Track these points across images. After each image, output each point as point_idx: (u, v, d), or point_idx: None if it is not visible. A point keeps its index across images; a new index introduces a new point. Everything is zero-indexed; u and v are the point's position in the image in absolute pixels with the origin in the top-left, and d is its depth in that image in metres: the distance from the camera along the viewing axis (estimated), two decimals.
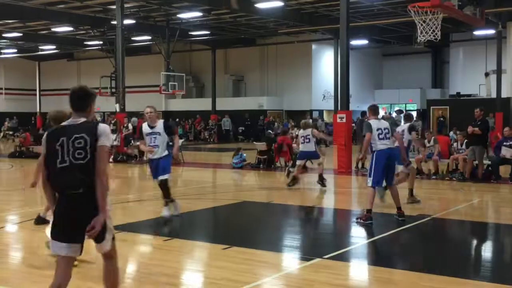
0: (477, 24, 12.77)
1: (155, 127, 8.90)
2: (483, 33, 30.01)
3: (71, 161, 3.93)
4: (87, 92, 4.23)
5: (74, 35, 34.52)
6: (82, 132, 3.99)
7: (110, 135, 4.10)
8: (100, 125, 4.07)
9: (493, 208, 10.92)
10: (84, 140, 3.95)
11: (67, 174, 3.93)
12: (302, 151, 12.66)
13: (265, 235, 8.35)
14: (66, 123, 4.15)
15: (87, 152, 3.93)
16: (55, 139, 4.01)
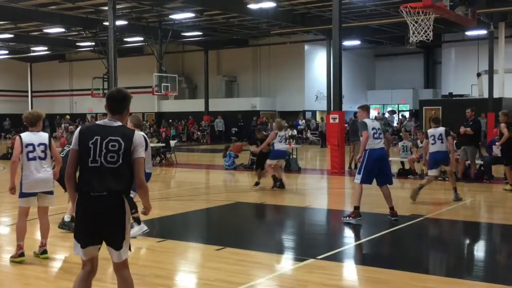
0: (469, 25, 12.83)
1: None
2: (475, 34, 30.16)
3: (102, 163, 3.89)
4: (125, 95, 4.16)
5: (66, 36, 34.40)
6: (118, 135, 3.94)
7: (144, 145, 4.07)
8: (136, 134, 4.04)
9: (486, 208, 10.97)
10: (118, 143, 3.91)
11: (96, 175, 3.89)
12: (278, 150, 12.60)
13: (258, 236, 8.34)
14: (102, 123, 4.06)
15: (119, 157, 3.90)
16: (90, 136, 3.95)
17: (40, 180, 6.32)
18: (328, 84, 30.69)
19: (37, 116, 6.42)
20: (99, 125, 4.04)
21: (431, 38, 11.02)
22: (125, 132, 4.00)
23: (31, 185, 6.31)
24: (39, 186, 6.34)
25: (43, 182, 6.33)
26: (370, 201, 9.97)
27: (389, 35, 32.74)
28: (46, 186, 6.33)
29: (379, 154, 8.62)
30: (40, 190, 6.37)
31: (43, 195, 6.43)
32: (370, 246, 7.49)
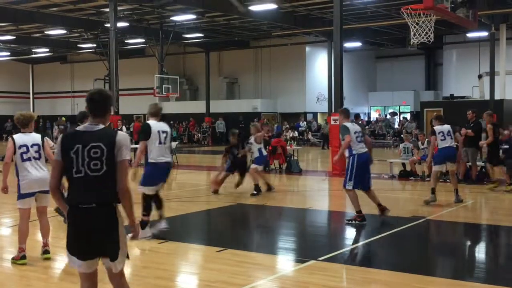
0: (470, 26, 12.84)
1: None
2: (476, 35, 30.16)
3: (87, 173, 3.68)
4: (107, 96, 3.92)
5: (67, 38, 34.46)
6: (99, 140, 3.71)
7: (129, 146, 3.83)
8: (119, 134, 3.80)
9: (487, 209, 10.96)
10: (100, 150, 3.68)
11: (82, 186, 3.69)
12: (264, 155, 12.69)
13: (259, 238, 8.35)
14: (83, 128, 3.82)
15: (103, 163, 3.68)
16: (70, 146, 3.73)
17: (38, 179, 6.34)
18: (329, 86, 30.72)
19: (28, 117, 6.46)
20: (79, 132, 3.80)
21: (432, 40, 11.02)
22: (106, 136, 3.76)
23: (30, 184, 6.33)
24: (37, 184, 6.34)
25: (41, 181, 6.32)
26: (372, 203, 9.96)
27: (390, 37, 32.76)
28: (43, 185, 6.30)
29: (366, 158, 8.67)
30: (38, 190, 6.38)
31: (41, 195, 6.45)
32: (371, 248, 7.49)
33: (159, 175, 7.71)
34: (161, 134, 7.62)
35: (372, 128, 34.35)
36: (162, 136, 7.64)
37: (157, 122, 7.77)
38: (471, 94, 32.27)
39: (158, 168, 7.63)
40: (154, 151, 7.57)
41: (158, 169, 7.64)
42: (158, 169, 7.63)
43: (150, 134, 7.57)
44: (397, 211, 9.64)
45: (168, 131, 7.78)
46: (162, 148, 7.64)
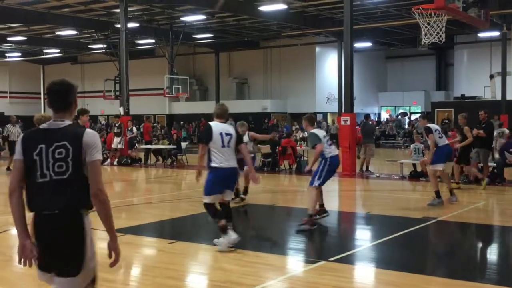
0: (481, 26, 12.75)
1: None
2: (488, 35, 29.96)
3: (51, 176, 3.19)
4: (69, 86, 3.41)
5: (78, 39, 34.65)
6: (63, 139, 3.23)
7: (99, 145, 3.34)
8: (87, 132, 3.30)
9: (499, 210, 10.87)
10: (65, 149, 3.21)
11: (45, 191, 3.20)
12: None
13: (269, 238, 8.33)
14: (46, 126, 3.34)
15: (68, 165, 3.19)
16: (33, 146, 3.24)
17: None
18: (339, 86, 30.64)
19: (48, 118, 6.50)
20: (42, 130, 3.33)
21: (443, 40, 10.96)
22: (72, 133, 3.27)
23: None
24: None
25: None
26: (383, 203, 9.92)
27: (401, 37, 32.61)
28: None
29: (338, 161, 8.81)
30: None
31: None
32: (382, 249, 7.45)
33: (222, 181, 7.06)
34: (224, 137, 6.99)
35: (383, 129, 34.22)
36: (225, 138, 7.00)
37: (221, 123, 7.18)
38: (482, 95, 32.06)
39: (221, 174, 7.00)
40: (216, 155, 6.97)
41: (221, 175, 7.01)
42: (220, 175, 7.00)
43: (212, 136, 6.97)
44: (407, 212, 9.59)
45: (232, 133, 7.10)
46: (225, 152, 6.99)
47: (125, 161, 20.22)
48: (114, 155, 20.62)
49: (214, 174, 7.03)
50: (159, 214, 9.88)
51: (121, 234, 7.85)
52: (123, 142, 20.45)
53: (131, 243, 7.45)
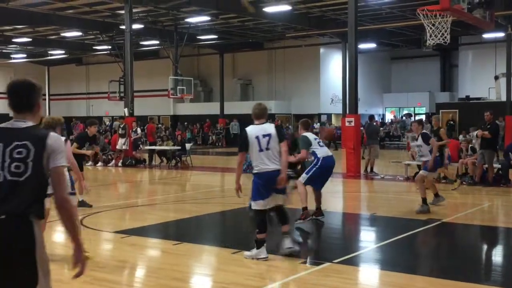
0: (486, 27, 12.73)
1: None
2: (492, 36, 29.87)
3: (6, 177, 2.93)
4: (31, 85, 3.15)
5: (83, 40, 34.73)
6: (25, 139, 2.99)
7: (65, 150, 3.12)
8: (52, 136, 3.06)
9: (504, 212, 10.84)
10: (26, 149, 2.96)
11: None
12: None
13: (274, 240, 8.32)
14: (7, 125, 3.10)
15: (27, 166, 2.94)
16: None
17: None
18: (343, 87, 30.61)
19: (58, 121, 6.64)
20: (2, 129, 3.09)
21: (448, 41, 10.94)
22: (36, 134, 3.04)
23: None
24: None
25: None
26: (387, 204, 9.91)
27: (405, 38, 32.55)
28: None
29: (332, 162, 8.95)
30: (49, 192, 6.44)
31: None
32: (386, 250, 7.43)
33: (266, 186, 6.65)
34: (260, 140, 6.62)
35: (387, 130, 34.15)
36: (262, 141, 6.62)
37: (257, 125, 6.79)
38: (487, 96, 31.96)
39: (263, 178, 6.64)
40: (255, 160, 6.69)
41: (264, 179, 6.64)
42: (263, 179, 6.64)
43: (248, 143, 6.65)
44: (412, 214, 9.57)
45: (271, 133, 6.65)
46: (264, 155, 6.62)
47: (130, 162, 20.27)
48: (119, 156, 20.68)
49: (257, 179, 6.74)
50: (163, 216, 9.90)
51: (125, 236, 7.89)
52: (127, 143, 20.50)
53: (136, 244, 7.47)
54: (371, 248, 7.51)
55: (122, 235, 7.94)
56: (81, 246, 3.07)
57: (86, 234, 7.66)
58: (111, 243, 7.86)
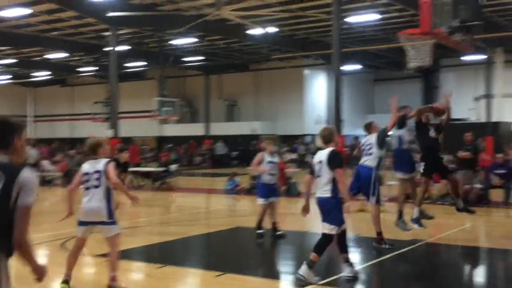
0: (466, 51, 12.98)
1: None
2: (473, 59, 30.41)
3: None
4: (7, 125, 3.13)
5: (67, 61, 34.71)
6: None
7: (35, 189, 3.00)
8: (26, 171, 2.99)
9: (486, 232, 10.95)
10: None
11: None
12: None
13: (258, 261, 8.33)
14: None
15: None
16: None
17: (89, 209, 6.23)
18: (328, 108, 30.88)
19: (101, 142, 6.60)
20: None
21: (429, 64, 11.13)
22: (9, 167, 2.99)
23: (83, 213, 6.24)
24: (88, 215, 6.20)
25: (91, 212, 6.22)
26: (372, 225, 9.94)
27: (388, 60, 33.03)
28: (95, 216, 6.14)
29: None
30: (89, 220, 6.20)
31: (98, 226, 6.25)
32: (370, 271, 7.47)
33: (320, 212, 6.72)
34: (315, 166, 6.70)
35: None
36: (316, 167, 6.68)
37: (321, 151, 6.78)
38: (468, 117, 32.42)
39: (316, 204, 6.73)
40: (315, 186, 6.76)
41: (317, 205, 6.73)
42: (317, 206, 6.72)
43: (313, 169, 6.75)
44: (397, 234, 9.63)
45: (323, 160, 6.58)
46: (317, 182, 6.70)
47: None
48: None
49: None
50: (147, 238, 9.85)
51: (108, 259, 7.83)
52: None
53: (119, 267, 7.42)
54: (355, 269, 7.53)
55: (104, 259, 7.89)
56: (38, 267, 3.02)
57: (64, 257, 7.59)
58: (93, 267, 7.81)
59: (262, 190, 9.71)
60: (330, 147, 6.67)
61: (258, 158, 9.71)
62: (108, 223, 6.15)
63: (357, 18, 22.92)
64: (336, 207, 6.52)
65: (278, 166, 10.06)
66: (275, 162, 9.80)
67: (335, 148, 6.74)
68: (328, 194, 6.50)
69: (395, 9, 21.88)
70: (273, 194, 9.74)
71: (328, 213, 6.57)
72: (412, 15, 21.35)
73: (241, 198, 16.80)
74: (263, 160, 9.67)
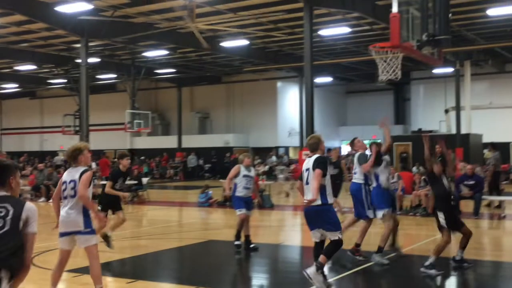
0: (435, 64, 13.22)
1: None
2: (442, 71, 31.03)
3: None
4: (3, 165, 3.68)
5: (37, 73, 34.19)
6: (4, 202, 3.50)
7: (36, 217, 3.57)
8: (28, 205, 3.56)
9: (456, 242, 11.06)
10: (5, 210, 3.45)
11: None
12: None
13: (231, 275, 8.24)
14: None
15: (5, 223, 3.41)
16: None
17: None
18: (300, 121, 31.04)
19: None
20: None
21: (399, 77, 11.26)
22: (14, 199, 3.57)
23: (60, 224, 6.04)
24: (63, 225, 6.01)
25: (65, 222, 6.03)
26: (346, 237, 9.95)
27: (360, 73, 33.44)
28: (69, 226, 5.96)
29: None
30: (65, 230, 6.01)
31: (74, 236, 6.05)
32: (344, 284, 7.46)
33: (307, 220, 6.82)
34: (304, 173, 6.76)
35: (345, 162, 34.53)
36: (305, 175, 6.75)
37: (308, 158, 6.85)
38: (438, 128, 32.96)
39: (304, 212, 6.81)
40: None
41: (304, 213, 6.83)
42: (304, 213, 6.82)
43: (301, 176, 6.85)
44: (368, 246, 9.65)
45: (310, 167, 6.65)
46: (306, 189, 6.72)
47: None
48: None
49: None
50: (118, 253, 9.66)
51: (78, 274, 7.65)
52: None
53: (88, 283, 7.23)
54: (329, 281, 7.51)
55: (73, 274, 7.70)
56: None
57: (36, 273, 7.40)
58: (61, 283, 7.59)
59: (237, 202, 9.65)
60: (316, 155, 6.74)
61: (234, 171, 9.64)
62: (85, 233, 5.95)
63: (329, 31, 23.17)
64: (332, 212, 6.66)
65: (254, 179, 9.96)
66: (250, 176, 9.72)
67: (321, 155, 6.80)
68: (319, 202, 6.51)
69: (366, 23, 22.19)
70: (247, 207, 9.68)
71: (328, 221, 6.58)
72: (382, 29, 21.69)
73: (214, 211, 16.70)
74: (239, 173, 9.60)
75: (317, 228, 6.66)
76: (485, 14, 20.99)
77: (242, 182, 9.58)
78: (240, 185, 9.59)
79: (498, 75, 32.52)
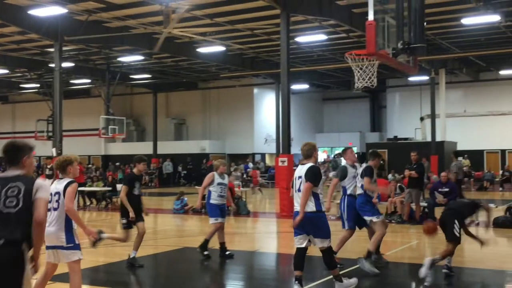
0: (410, 72, 13.33)
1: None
2: (418, 79, 31.41)
3: (0, 211, 3.80)
4: (17, 146, 4.21)
5: (9, 78, 33.58)
6: (17, 181, 3.92)
7: (48, 189, 4.05)
8: (38, 180, 4.03)
9: (431, 250, 11.12)
10: (17, 188, 3.86)
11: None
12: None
13: (206, 283, 8.13)
14: (2, 175, 4.10)
15: (19, 200, 3.81)
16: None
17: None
18: (277, 127, 31.05)
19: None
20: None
21: (375, 84, 11.32)
22: (24, 178, 4.01)
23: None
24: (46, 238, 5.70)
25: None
26: None
27: (336, 80, 33.64)
28: (49, 240, 5.74)
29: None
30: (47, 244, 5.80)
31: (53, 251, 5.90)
32: None
33: (299, 227, 6.80)
34: (296, 181, 6.76)
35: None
36: (297, 183, 6.75)
37: (301, 165, 6.86)
38: (414, 136, 33.31)
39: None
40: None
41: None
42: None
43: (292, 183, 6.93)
44: (344, 253, 9.64)
45: (302, 175, 6.67)
46: (296, 197, 6.78)
47: None
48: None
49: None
50: (91, 260, 9.45)
51: (50, 283, 7.44)
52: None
53: None
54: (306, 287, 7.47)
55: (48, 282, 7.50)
56: (37, 254, 4.02)
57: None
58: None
59: (213, 210, 9.52)
60: (310, 163, 6.74)
61: (208, 179, 9.51)
62: (67, 248, 5.72)
63: (306, 38, 23.25)
64: (324, 221, 6.67)
65: (227, 187, 9.84)
66: (224, 183, 9.62)
67: (315, 164, 6.79)
68: (313, 209, 6.55)
69: (342, 30, 22.33)
70: (222, 215, 9.59)
71: (319, 228, 6.63)
72: (358, 36, 21.84)
73: (189, 218, 16.55)
74: (213, 181, 9.49)
75: (305, 233, 6.66)
76: (459, 23, 21.30)
77: (217, 190, 9.48)
78: (215, 193, 9.47)
79: (472, 84, 33.06)
